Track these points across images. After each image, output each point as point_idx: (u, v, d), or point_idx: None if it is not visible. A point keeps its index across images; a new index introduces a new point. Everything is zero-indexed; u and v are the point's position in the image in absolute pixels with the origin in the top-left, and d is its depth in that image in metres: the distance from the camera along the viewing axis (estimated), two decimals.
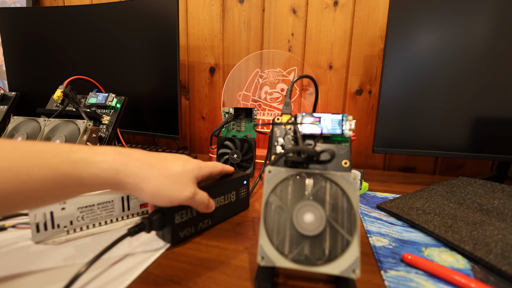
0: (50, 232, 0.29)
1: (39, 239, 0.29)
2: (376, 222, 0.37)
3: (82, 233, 0.31)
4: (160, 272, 0.25)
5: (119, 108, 0.49)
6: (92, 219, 0.32)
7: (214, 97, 0.83)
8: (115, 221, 0.34)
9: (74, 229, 0.31)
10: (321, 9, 0.71)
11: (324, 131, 0.27)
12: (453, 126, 0.53)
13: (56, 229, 0.30)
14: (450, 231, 0.33)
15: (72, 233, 0.31)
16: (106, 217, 0.33)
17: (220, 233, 0.33)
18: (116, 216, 0.34)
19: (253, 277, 0.25)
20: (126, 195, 0.35)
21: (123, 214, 0.35)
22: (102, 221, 0.33)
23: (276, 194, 0.24)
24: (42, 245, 0.29)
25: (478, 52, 0.51)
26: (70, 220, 0.31)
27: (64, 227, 0.30)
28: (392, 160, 0.74)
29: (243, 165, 0.54)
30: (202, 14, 0.79)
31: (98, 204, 0.32)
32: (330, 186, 0.24)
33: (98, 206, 0.32)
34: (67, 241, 0.30)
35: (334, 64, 0.72)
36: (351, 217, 0.23)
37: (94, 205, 0.32)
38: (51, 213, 0.29)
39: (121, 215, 0.34)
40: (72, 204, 0.30)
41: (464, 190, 0.45)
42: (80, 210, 0.31)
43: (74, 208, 0.31)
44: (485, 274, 0.26)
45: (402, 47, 0.54)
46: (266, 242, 0.23)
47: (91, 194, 0.31)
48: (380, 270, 0.27)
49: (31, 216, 0.28)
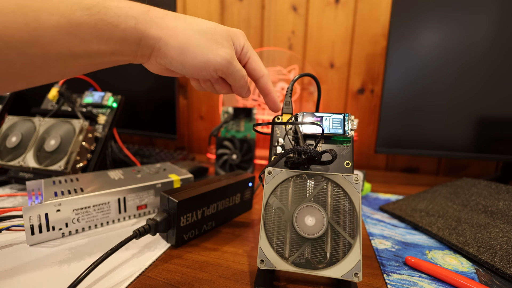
0: (45, 234, 0.29)
1: (34, 241, 0.28)
2: (379, 224, 0.37)
3: (78, 236, 0.31)
4: (158, 276, 0.25)
5: (115, 108, 0.49)
6: (88, 221, 0.31)
7: (212, 96, 0.82)
8: (111, 223, 0.34)
9: (69, 231, 0.30)
10: (322, 6, 0.70)
11: (325, 131, 0.26)
12: (457, 126, 0.53)
13: (51, 231, 0.29)
14: (454, 234, 0.32)
15: (67, 236, 0.30)
16: (102, 219, 0.33)
17: (219, 235, 0.32)
18: (113, 218, 0.34)
19: (252, 280, 0.25)
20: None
21: (119, 216, 0.34)
22: (98, 223, 0.32)
23: (276, 196, 0.24)
24: (37, 247, 0.28)
25: (482, 50, 0.50)
26: (66, 223, 0.30)
27: (59, 229, 0.30)
28: (394, 160, 0.73)
29: (243, 166, 0.54)
30: (201, 11, 0.78)
31: (94, 206, 0.32)
32: (331, 188, 0.23)
33: (94, 208, 0.32)
34: (63, 244, 0.29)
35: (336, 62, 0.72)
36: (353, 219, 0.22)
37: (90, 207, 0.31)
38: (46, 215, 0.28)
39: (117, 217, 0.34)
40: (67, 206, 0.30)
41: (468, 191, 0.44)
42: (76, 212, 0.30)
43: (70, 210, 0.30)
44: (490, 278, 0.26)
45: (404, 45, 0.53)
46: (266, 245, 0.22)
47: (87, 195, 0.31)
48: (383, 273, 0.26)
49: (26, 218, 0.27)
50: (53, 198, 0.29)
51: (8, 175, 0.44)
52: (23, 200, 0.40)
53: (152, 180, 0.36)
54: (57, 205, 0.29)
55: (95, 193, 0.31)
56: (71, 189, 0.32)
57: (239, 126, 0.54)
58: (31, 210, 0.27)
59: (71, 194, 0.30)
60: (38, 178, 0.42)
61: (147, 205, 0.36)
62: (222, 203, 0.34)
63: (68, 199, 0.30)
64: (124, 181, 0.35)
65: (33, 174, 0.42)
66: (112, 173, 0.38)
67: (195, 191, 0.30)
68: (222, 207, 0.34)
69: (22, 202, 0.39)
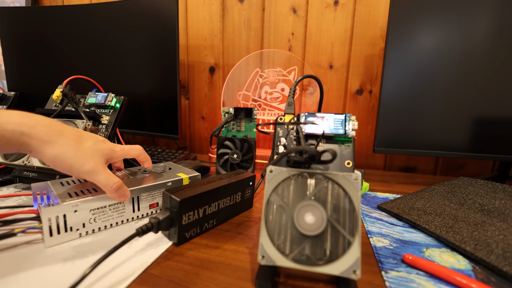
0: (63, 236, 0.29)
1: (52, 243, 0.28)
2: (377, 223, 0.37)
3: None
4: (160, 273, 0.25)
5: (118, 108, 0.49)
6: (104, 221, 0.32)
7: (214, 96, 0.83)
8: (125, 222, 0.34)
9: (86, 232, 0.31)
10: (321, 9, 0.70)
11: (326, 131, 0.26)
12: (454, 126, 0.53)
13: (69, 232, 0.29)
14: (451, 232, 0.33)
15: (84, 236, 0.30)
16: (117, 218, 0.33)
17: (220, 233, 0.33)
18: (127, 217, 0.34)
19: (253, 278, 0.25)
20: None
21: (133, 215, 0.34)
22: (113, 222, 0.33)
23: (277, 194, 0.24)
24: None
25: (479, 51, 0.50)
26: (83, 223, 0.30)
27: (76, 230, 0.30)
28: (392, 160, 0.74)
29: (243, 165, 0.54)
30: (202, 13, 0.79)
31: (110, 205, 0.32)
32: (332, 187, 0.24)
33: (110, 207, 0.32)
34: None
35: (335, 63, 0.72)
36: (353, 218, 0.23)
37: (106, 206, 0.31)
38: (64, 216, 0.28)
39: (131, 216, 0.34)
40: (85, 206, 0.30)
41: (465, 190, 0.45)
42: (93, 212, 0.30)
43: (87, 210, 0.30)
44: (486, 275, 0.26)
45: (403, 46, 0.54)
46: (267, 241, 0.23)
47: (103, 195, 0.31)
48: (381, 270, 0.27)
49: (44, 220, 0.27)
50: (70, 199, 0.29)
51: (12, 174, 0.44)
52: (27, 199, 0.40)
53: (163, 179, 0.37)
54: (74, 206, 0.29)
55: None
56: (84, 189, 0.32)
57: (240, 126, 0.55)
58: (50, 211, 0.27)
59: (85, 195, 0.30)
60: (42, 177, 0.42)
61: (158, 203, 0.37)
62: (223, 202, 0.34)
63: (86, 199, 0.30)
64: (136, 181, 0.36)
65: (37, 173, 0.43)
66: (118, 173, 0.38)
67: (196, 190, 0.31)
68: (223, 206, 0.34)
69: (27, 201, 0.39)
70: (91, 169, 0.29)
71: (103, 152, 0.31)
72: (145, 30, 0.65)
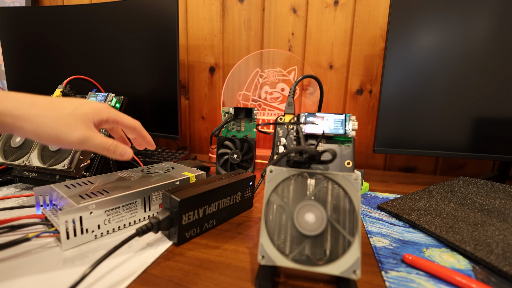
0: (79, 238, 0.29)
1: (69, 246, 0.28)
2: (377, 223, 0.37)
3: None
4: (160, 273, 0.25)
5: (118, 108, 0.49)
6: (117, 222, 0.32)
7: (214, 96, 0.83)
8: (138, 223, 0.34)
9: (101, 233, 0.30)
10: (321, 9, 0.70)
11: (326, 131, 0.26)
12: (454, 126, 0.53)
13: (85, 234, 0.29)
14: (451, 232, 0.33)
15: (99, 237, 0.30)
16: (130, 218, 0.33)
17: (220, 233, 0.33)
18: (139, 217, 0.34)
19: (253, 278, 0.25)
20: None
21: (145, 214, 0.34)
22: (126, 223, 0.33)
23: (277, 194, 0.24)
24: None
25: (479, 51, 0.50)
26: (98, 224, 0.30)
27: (92, 231, 0.29)
28: (392, 160, 0.74)
29: (243, 165, 0.54)
30: (202, 13, 0.79)
31: (123, 205, 0.32)
32: (331, 187, 0.24)
33: (123, 208, 0.32)
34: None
35: (335, 63, 0.72)
36: (353, 218, 0.23)
37: (119, 207, 0.31)
38: (80, 218, 0.28)
39: (143, 215, 0.34)
40: (100, 207, 0.29)
41: (465, 190, 0.45)
42: (107, 213, 0.30)
43: (102, 212, 0.30)
44: (486, 275, 0.26)
45: (402, 46, 0.54)
46: (267, 241, 0.23)
47: (118, 195, 0.31)
48: (381, 270, 0.27)
49: (62, 223, 0.27)
50: (84, 201, 0.29)
51: (12, 174, 0.44)
52: (27, 199, 0.40)
53: (170, 178, 0.37)
54: (90, 208, 0.29)
55: (124, 193, 0.31)
56: (95, 191, 0.32)
57: (240, 126, 0.55)
58: (67, 214, 0.27)
59: (98, 196, 0.30)
60: (42, 177, 0.42)
61: None
62: (223, 202, 0.34)
63: (101, 201, 0.29)
64: (145, 180, 0.36)
65: (37, 173, 0.43)
66: (122, 174, 0.38)
67: (196, 190, 0.31)
68: (223, 206, 0.34)
69: (27, 201, 0.39)
70: (81, 137, 0.27)
71: (87, 116, 0.28)
72: (145, 30, 0.65)
